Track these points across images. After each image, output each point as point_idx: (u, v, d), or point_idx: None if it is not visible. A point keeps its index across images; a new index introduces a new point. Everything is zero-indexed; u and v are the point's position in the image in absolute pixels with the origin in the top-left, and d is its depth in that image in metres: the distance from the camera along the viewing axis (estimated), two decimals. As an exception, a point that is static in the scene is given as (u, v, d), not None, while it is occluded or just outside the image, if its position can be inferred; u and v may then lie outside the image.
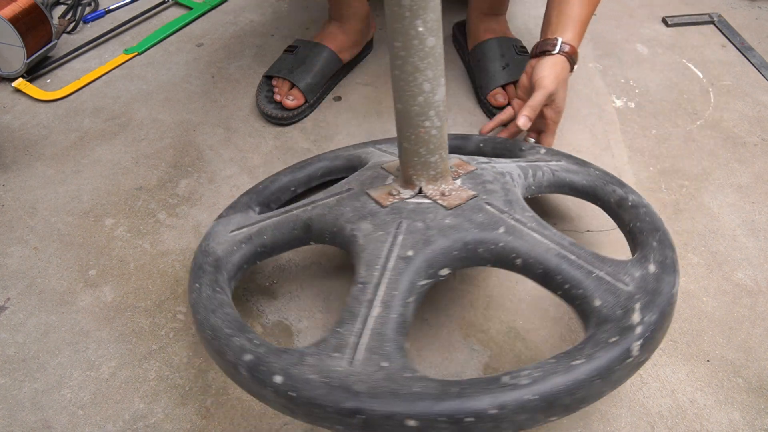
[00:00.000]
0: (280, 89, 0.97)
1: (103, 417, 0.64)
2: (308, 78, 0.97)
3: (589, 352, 0.47)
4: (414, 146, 0.59)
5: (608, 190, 0.71)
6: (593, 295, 0.53)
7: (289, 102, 0.95)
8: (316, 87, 0.98)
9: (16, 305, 0.75)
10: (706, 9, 1.19)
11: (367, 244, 0.59)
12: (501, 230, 0.58)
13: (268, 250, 0.67)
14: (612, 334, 0.49)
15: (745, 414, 0.63)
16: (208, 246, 0.68)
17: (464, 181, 0.65)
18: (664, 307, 0.52)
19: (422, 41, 0.52)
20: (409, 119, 0.57)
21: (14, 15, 1.00)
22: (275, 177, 0.82)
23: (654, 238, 0.62)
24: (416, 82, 0.54)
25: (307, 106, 0.97)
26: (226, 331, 0.55)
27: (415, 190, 0.63)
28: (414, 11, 0.50)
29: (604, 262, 0.56)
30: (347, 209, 0.63)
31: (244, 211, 0.75)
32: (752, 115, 0.97)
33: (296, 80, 0.96)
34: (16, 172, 0.91)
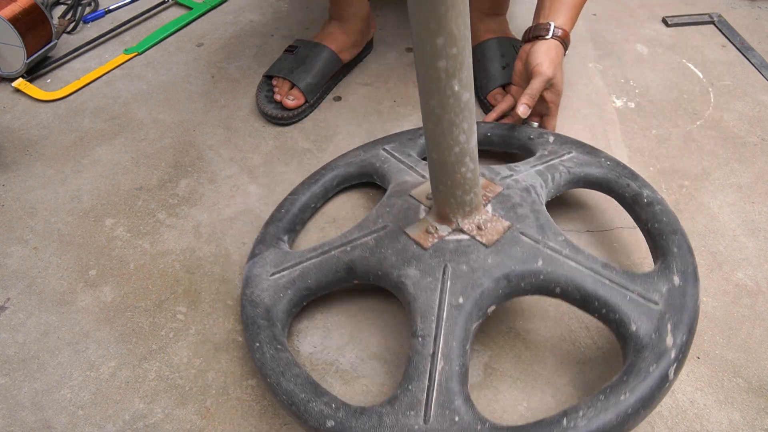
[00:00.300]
0: (280, 89, 0.97)
1: (103, 417, 0.64)
2: (308, 78, 0.97)
3: (633, 384, 0.53)
4: (450, 189, 0.61)
5: (622, 183, 0.72)
6: (629, 320, 0.57)
7: (289, 102, 0.95)
8: (316, 87, 0.98)
9: (16, 305, 0.75)
10: (706, 9, 1.19)
11: (417, 293, 0.61)
12: (540, 263, 0.61)
13: (313, 292, 0.68)
14: (650, 362, 0.54)
15: (745, 414, 0.63)
16: (253, 295, 0.68)
17: (495, 206, 0.67)
18: (692, 324, 0.58)
19: (458, 99, 0.53)
20: (445, 168, 0.59)
21: (14, 15, 1.00)
22: (293, 198, 0.80)
23: (674, 243, 0.64)
24: (452, 135, 0.56)
25: (307, 106, 0.97)
26: (302, 396, 0.58)
27: (453, 226, 0.64)
28: (450, 73, 0.51)
29: (635, 281, 0.60)
30: (389, 252, 0.65)
31: (275, 245, 0.74)
32: (752, 115, 0.97)
33: (296, 80, 0.96)
34: (16, 172, 0.91)
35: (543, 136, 0.81)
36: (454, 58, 0.50)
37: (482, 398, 0.65)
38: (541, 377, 0.67)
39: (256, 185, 0.88)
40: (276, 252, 0.72)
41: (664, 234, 0.66)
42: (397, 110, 0.99)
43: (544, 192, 0.71)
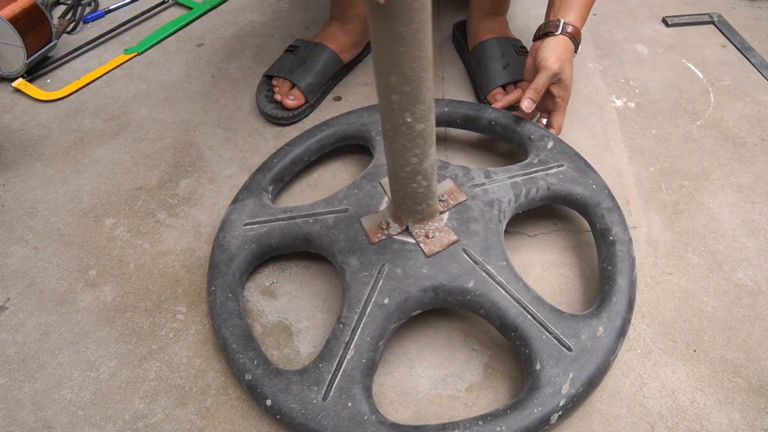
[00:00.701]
0: (280, 89, 0.97)
1: (103, 417, 0.64)
2: (309, 78, 0.97)
3: (512, 419, 0.57)
4: (402, 198, 0.65)
5: (597, 213, 0.73)
6: (536, 359, 0.60)
7: (290, 102, 0.95)
8: (316, 87, 0.98)
9: (16, 305, 0.75)
10: (706, 9, 1.19)
11: (352, 283, 0.66)
12: (471, 283, 0.64)
13: (274, 250, 0.74)
14: (538, 404, 0.58)
15: (745, 414, 0.63)
16: (224, 240, 0.74)
17: (451, 216, 0.70)
18: (594, 379, 0.60)
19: (410, 128, 0.56)
20: (398, 180, 0.63)
21: (14, 15, 1.00)
22: (287, 149, 0.84)
23: (616, 293, 0.66)
24: (404, 156, 0.59)
25: (307, 106, 0.97)
26: (234, 346, 0.65)
27: (403, 227, 0.68)
28: (403, 106, 0.54)
29: (558, 322, 0.63)
30: (341, 236, 0.70)
31: (257, 194, 0.78)
32: (752, 115, 0.97)
33: (297, 80, 0.96)
34: (16, 172, 0.91)
35: (543, 139, 0.81)
36: (406, 94, 0.53)
37: (482, 398, 0.65)
38: (541, 377, 0.67)
39: (256, 185, 0.88)
40: (255, 202, 0.77)
41: (612, 280, 0.67)
42: (397, 110, 0.99)
43: (511, 208, 0.72)
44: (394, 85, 0.52)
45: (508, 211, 0.72)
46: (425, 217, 0.67)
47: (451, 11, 1.18)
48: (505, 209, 0.71)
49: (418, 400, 0.65)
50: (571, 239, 0.80)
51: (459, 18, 1.12)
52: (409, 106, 0.54)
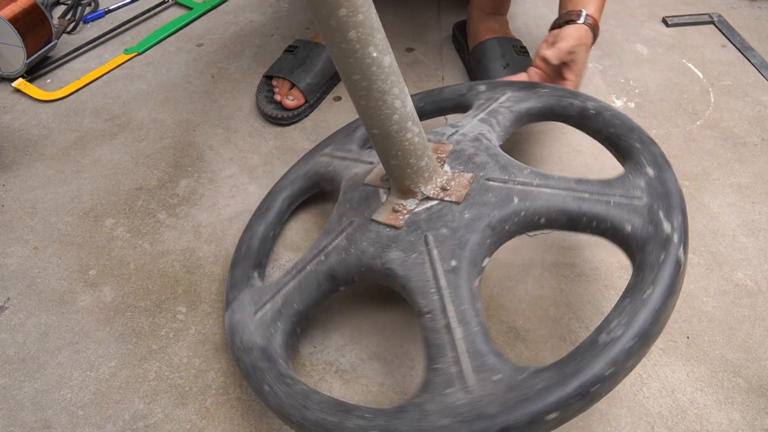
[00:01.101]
0: (280, 89, 0.97)
1: (103, 417, 0.64)
2: (308, 78, 0.97)
3: (651, 278, 0.50)
4: (403, 160, 0.59)
5: (564, 104, 0.71)
6: (622, 222, 0.56)
7: (289, 102, 0.95)
8: (316, 87, 0.98)
9: (16, 305, 0.75)
10: (706, 9, 1.19)
11: (407, 272, 0.58)
12: (516, 201, 0.59)
13: (304, 315, 0.64)
14: (658, 252, 0.52)
15: (745, 414, 0.63)
16: (243, 342, 0.63)
17: (452, 164, 0.64)
18: (682, 205, 0.56)
19: (380, 65, 0.51)
20: (390, 139, 0.57)
21: (14, 15, 1.00)
22: (250, 233, 0.77)
23: (635, 139, 0.63)
24: (387, 104, 0.54)
25: (307, 106, 0.97)
26: (334, 420, 0.53)
27: (418, 197, 0.62)
28: (364, 41, 0.49)
29: (612, 186, 0.59)
30: (365, 245, 0.62)
31: (247, 284, 0.70)
32: (752, 115, 0.97)
33: (296, 80, 0.96)
34: (16, 172, 0.91)
35: (473, 88, 0.79)
36: (362, 24, 0.48)
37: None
38: (541, 377, 0.67)
39: (256, 185, 0.88)
40: (251, 291, 0.68)
41: (622, 135, 0.65)
42: (397, 110, 0.99)
43: (495, 136, 0.70)
44: (347, 19, 0.47)
45: (494, 139, 0.69)
46: (431, 174, 0.62)
47: (451, 11, 1.18)
48: (491, 138, 0.69)
49: (418, 400, 0.65)
50: (571, 239, 0.80)
51: (459, 18, 1.12)
52: (370, 38, 0.49)
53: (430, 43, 1.13)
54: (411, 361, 0.68)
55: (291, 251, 0.80)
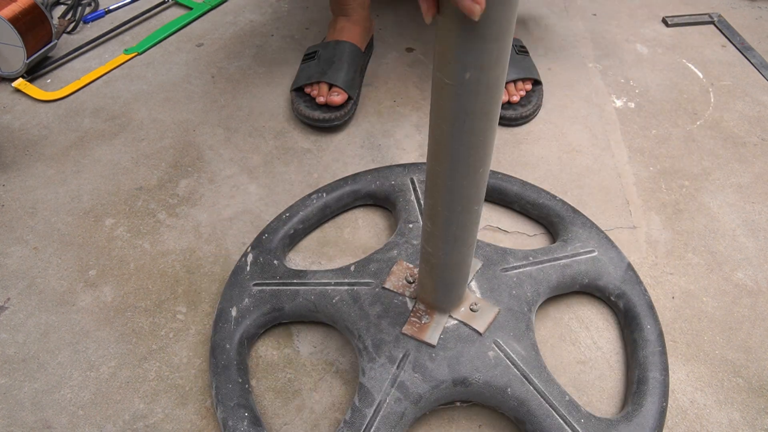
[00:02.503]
0: (320, 92, 0.94)
1: (103, 417, 0.64)
2: (343, 75, 0.94)
3: None
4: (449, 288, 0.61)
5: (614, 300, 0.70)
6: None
7: (336, 98, 0.91)
8: (352, 82, 0.95)
9: (16, 305, 0.75)
10: (706, 9, 1.19)
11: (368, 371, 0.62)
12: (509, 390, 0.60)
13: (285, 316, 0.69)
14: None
15: (745, 414, 0.63)
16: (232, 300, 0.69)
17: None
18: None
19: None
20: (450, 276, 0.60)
21: (14, 15, 1.00)
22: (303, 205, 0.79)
23: (651, 392, 0.62)
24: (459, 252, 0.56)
25: (352, 103, 0.95)
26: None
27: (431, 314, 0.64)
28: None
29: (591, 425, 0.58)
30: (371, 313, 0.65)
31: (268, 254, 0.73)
32: (752, 115, 0.97)
33: (333, 79, 0.93)
34: (16, 172, 0.91)
35: (576, 217, 0.77)
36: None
37: (482, 398, 0.65)
38: (541, 377, 0.67)
39: (256, 185, 0.88)
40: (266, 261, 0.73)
41: (645, 379, 0.63)
42: (397, 110, 0.99)
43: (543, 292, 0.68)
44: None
45: (541, 295, 0.68)
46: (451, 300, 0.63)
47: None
48: (533, 297, 0.67)
49: (418, 400, 0.65)
50: (571, 239, 0.80)
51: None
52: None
53: (430, 43, 1.13)
54: (411, 361, 0.68)
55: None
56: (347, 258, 0.78)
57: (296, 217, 0.78)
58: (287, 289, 0.69)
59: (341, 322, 0.66)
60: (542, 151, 0.91)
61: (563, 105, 1.00)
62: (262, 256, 0.73)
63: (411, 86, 1.03)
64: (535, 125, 0.96)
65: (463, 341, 0.62)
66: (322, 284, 0.68)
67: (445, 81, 0.41)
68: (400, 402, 0.58)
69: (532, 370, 0.61)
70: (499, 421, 0.63)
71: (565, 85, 1.04)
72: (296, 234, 0.78)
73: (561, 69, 1.07)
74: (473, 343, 0.62)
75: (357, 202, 0.83)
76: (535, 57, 1.08)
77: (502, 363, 0.61)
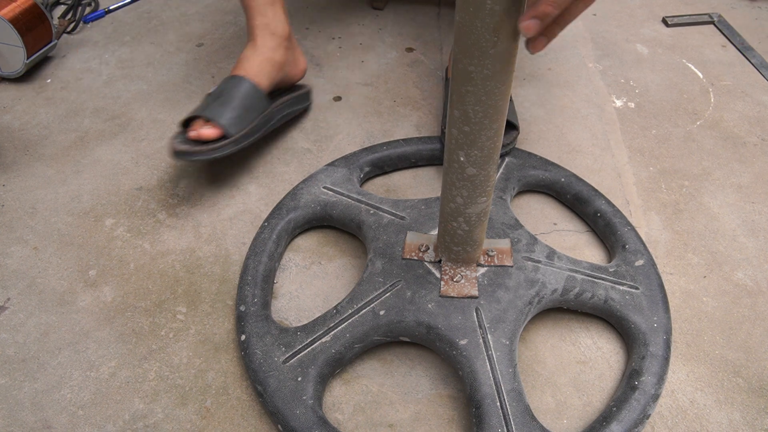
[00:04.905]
0: (194, 126, 0.83)
1: (103, 417, 0.64)
2: (225, 111, 0.82)
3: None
4: (443, 231, 0.65)
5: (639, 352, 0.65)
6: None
7: (206, 131, 0.80)
8: (237, 120, 0.82)
9: (16, 305, 0.75)
10: (706, 9, 1.19)
11: (366, 281, 0.68)
12: (463, 341, 0.63)
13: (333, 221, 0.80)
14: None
15: (745, 414, 0.63)
16: (301, 190, 0.81)
17: (486, 274, 0.68)
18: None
19: (461, 168, 0.56)
20: (442, 213, 0.63)
21: (14, 15, 1.00)
22: (403, 143, 0.89)
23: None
24: (450, 193, 0.59)
25: (230, 141, 0.81)
26: (248, 278, 0.72)
27: (436, 258, 0.69)
28: (459, 144, 0.54)
29: (525, 426, 0.58)
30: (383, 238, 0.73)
31: (351, 169, 0.84)
32: (752, 115, 0.97)
33: (211, 115, 0.81)
34: (16, 172, 0.91)
35: (636, 254, 0.73)
36: (464, 133, 0.52)
37: (482, 398, 0.65)
38: (541, 377, 0.67)
39: (256, 185, 0.88)
40: (345, 174, 0.82)
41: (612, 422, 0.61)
42: (397, 110, 0.99)
43: (553, 298, 0.67)
44: (456, 119, 0.52)
45: (548, 299, 0.67)
46: (460, 260, 0.67)
47: (451, 11, 1.18)
48: (545, 296, 0.67)
49: (418, 400, 0.65)
50: (571, 239, 0.80)
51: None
52: (465, 146, 0.53)
53: (430, 43, 1.13)
54: (411, 361, 0.68)
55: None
56: (347, 258, 0.79)
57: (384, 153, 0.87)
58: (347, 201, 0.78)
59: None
60: (542, 151, 0.91)
61: (563, 105, 1.00)
62: (348, 167, 0.84)
63: (411, 86, 1.03)
64: (535, 125, 0.96)
65: (500, 278, 0.67)
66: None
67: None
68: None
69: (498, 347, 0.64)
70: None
71: (565, 85, 1.04)
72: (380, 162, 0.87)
73: (561, 69, 1.07)
74: (510, 276, 0.67)
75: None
76: (535, 57, 1.08)
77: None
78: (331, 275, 0.77)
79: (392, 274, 0.68)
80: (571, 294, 0.68)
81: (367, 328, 0.64)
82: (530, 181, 0.83)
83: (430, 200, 0.77)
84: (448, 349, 0.63)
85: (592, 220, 0.80)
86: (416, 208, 0.76)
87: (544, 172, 0.84)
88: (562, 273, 0.69)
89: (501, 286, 0.67)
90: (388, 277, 0.68)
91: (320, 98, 1.02)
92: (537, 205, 0.84)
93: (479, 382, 0.60)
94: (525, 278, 0.68)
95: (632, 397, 0.61)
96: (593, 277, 0.69)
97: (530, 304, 0.66)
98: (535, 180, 0.83)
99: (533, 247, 0.71)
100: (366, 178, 0.87)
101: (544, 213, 0.83)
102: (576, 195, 0.81)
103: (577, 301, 0.68)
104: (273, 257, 0.75)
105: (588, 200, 0.80)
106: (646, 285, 0.70)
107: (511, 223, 0.74)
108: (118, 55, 1.12)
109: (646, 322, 0.66)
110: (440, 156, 0.87)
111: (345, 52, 1.12)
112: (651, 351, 0.64)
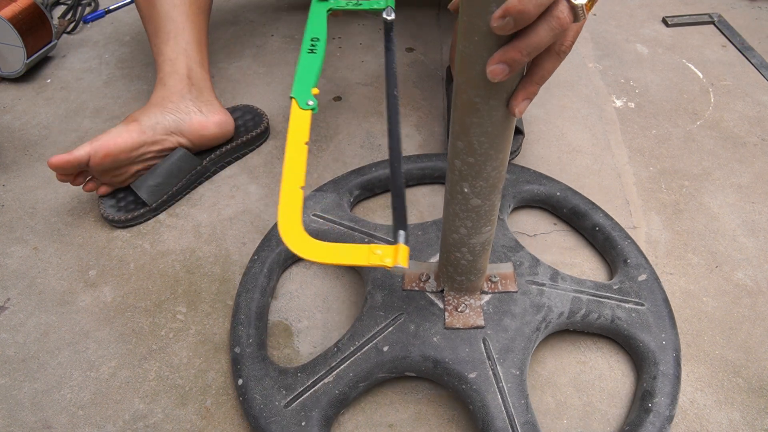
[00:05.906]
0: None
1: (103, 417, 0.64)
2: (148, 180, 0.83)
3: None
4: (446, 262, 0.63)
5: (650, 372, 0.64)
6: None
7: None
8: (156, 189, 0.83)
9: (16, 305, 0.75)
10: (706, 9, 1.19)
11: (366, 315, 0.66)
12: (472, 375, 0.61)
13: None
14: None
15: (745, 414, 0.63)
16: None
17: (490, 302, 0.66)
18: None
19: (465, 199, 0.54)
20: (445, 243, 0.61)
21: (14, 15, 1.00)
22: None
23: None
24: (454, 224, 0.57)
25: (147, 209, 0.83)
26: (241, 317, 0.68)
27: (438, 288, 0.67)
28: (463, 175, 0.52)
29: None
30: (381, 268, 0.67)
31: (340, 194, 0.79)
32: (752, 115, 0.97)
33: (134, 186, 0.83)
34: (16, 172, 0.91)
35: (638, 269, 0.72)
36: (469, 165, 0.51)
37: (482, 398, 0.65)
38: (541, 377, 0.67)
39: (256, 185, 0.88)
40: (334, 200, 0.78)
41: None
42: (397, 110, 0.99)
43: (559, 322, 0.66)
44: (460, 150, 0.50)
45: (555, 323, 0.66)
46: (463, 289, 0.65)
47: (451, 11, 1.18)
48: (552, 320, 0.65)
49: (418, 400, 0.65)
50: (571, 239, 0.80)
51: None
52: (469, 178, 0.52)
53: (430, 43, 1.13)
54: (411, 361, 0.68)
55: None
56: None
57: (373, 174, 0.84)
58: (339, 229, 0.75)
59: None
60: (542, 151, 0.91)
61: (563, 105, 1.00)
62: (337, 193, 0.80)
63: (411, 86, 1.03)
64: (535, 125, 0.96)
65: (506, 305, 0.66)
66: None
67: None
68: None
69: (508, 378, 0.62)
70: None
71: (565, 85, 1.04)
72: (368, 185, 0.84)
73: (561, 69, 1.07)
74: (516, 302, 0.66)
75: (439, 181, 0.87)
76: (535, 57, 1.08)
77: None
78: (331, 275, 0.77)
79: (393, 306, 0.65)
80: (577, 316, 0.66)
81: (371, 365, 0.62)
82: (525, 197, 0.81)
83: (427, 225, 0.75)
84: (456, 383, 0.61)
85: (591, 235, 0.78)
86: (413, 234, 0.73)
87: (539, 186, 0.81)
88: (568, 295, 0.67)
89: (507, 313, 0.65)
90: (390, 310, 0.65)
91: (320, 98, 1.02)
92: (537, 205, 0.84)
93: (491, 416, 0.58)
94: (531, 303, 0.66)
95: (647, 420, 0.59)
96: (598, 296, 0.68)
97: (538, 330, 0.64)
98: (530, 195, 0.81)
99: (536, 269, 0.69)
100: (356, 202, 0.84)
101: (544, 213, 0.83)
102: (573, 209, 0.80)
103: (584, 322, 0.67)
104: (265, 293, 0.71)
105: (585, 214, 0.79)
106: (651, 301, 0.69)
107: (512, 245, 0.72)
108: (118, 55, 1.12)
109: (654, 340, 0.65)
110: (431, 174, 0.85)
111: (345, 52, 1.12)
112: (662, 370, 0.63)
